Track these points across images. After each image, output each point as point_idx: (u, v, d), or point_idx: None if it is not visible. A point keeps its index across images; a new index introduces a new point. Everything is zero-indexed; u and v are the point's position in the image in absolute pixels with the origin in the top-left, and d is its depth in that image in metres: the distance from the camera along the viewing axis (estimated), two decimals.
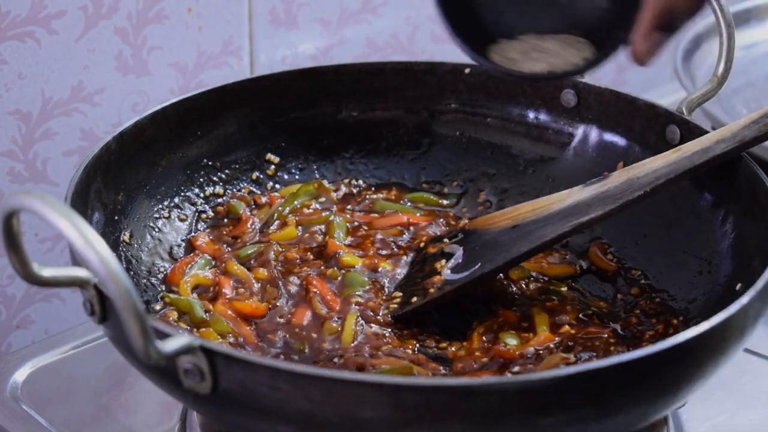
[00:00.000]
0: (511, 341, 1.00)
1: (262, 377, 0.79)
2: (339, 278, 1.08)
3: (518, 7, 1.02)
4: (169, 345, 0.78)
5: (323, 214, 1.16)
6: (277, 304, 1.05)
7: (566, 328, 1.02)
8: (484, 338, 1.01)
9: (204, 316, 1.03)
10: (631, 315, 1.05)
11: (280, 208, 1.16)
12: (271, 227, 1.15)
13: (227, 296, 1.05)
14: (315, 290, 1.06)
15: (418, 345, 1.02)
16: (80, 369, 1.14)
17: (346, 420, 0.79)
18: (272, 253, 1.10)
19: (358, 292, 1.06)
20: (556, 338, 1.00)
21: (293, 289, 1.07)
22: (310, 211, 1.17)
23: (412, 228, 1.16)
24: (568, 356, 0.97)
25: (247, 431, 0.87)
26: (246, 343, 1.01)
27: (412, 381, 0.80)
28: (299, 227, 1.15)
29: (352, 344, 1.00)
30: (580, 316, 1.04)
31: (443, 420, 0.78)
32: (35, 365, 1.13)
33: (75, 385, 1.12)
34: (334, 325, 1.02)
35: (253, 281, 1.07)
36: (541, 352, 0.99)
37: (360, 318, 1.03)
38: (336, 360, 0.99)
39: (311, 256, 1.11)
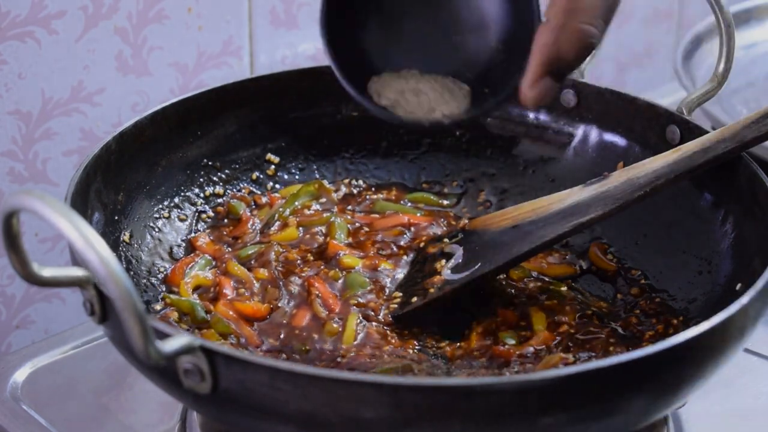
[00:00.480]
0: (511, 341, 1.00)
1: (262, 377, 0.79)
2: (340, 280, 1.08)
3: (405, 43, 1.00)
4: (169, 345, 0.78)
5: (324, 215, 1.16)
6: (279, 305, 1.05)
7: (565, 327, 1.02)
8: (482, 338, 1.01)
9: (205, 316, 1.03)
10: (631, 315, 1.05)
11: (280, 209, 1.16)
12: (272, 228, 1.15)
13: (228, 297, 1.05)
14: (317, 292, 1.06)
15: (418, 345, 1.02)
16: (80, 369, 1.14)
17: (346, 420, 0.79)
18: (273, 253, 1.10)
19: (358, 293, 1.06)
20: (556, 338, 1.00)
21: (294, 289, 1.07)
22: (311, 212, 1.17)
23: (412, 228, 1.16)
24: (567, 356, 0.97)
25: (247, 431, 0.87)
26: (248, 343, 1.01)
27: (412, 381, 0.80)
28: (300, 228, 1.15)
29: (353, 344, 1.00)
30: (580, 316, 1.04)
31: (443, 420, 0.78)
32: (35, 365, 1.13)
33: (75, 385, 1.12)
34: (335, 325, 1.02)
35: (254, 282, 1.07)
36: (540, 351, 0.99)
37: (361, 318, 1.03)
38: (338, 360, 0.99)
39: (312, 257, 1.11)
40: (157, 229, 1.12)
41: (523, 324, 1.03)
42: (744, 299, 0.85)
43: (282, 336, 1.02)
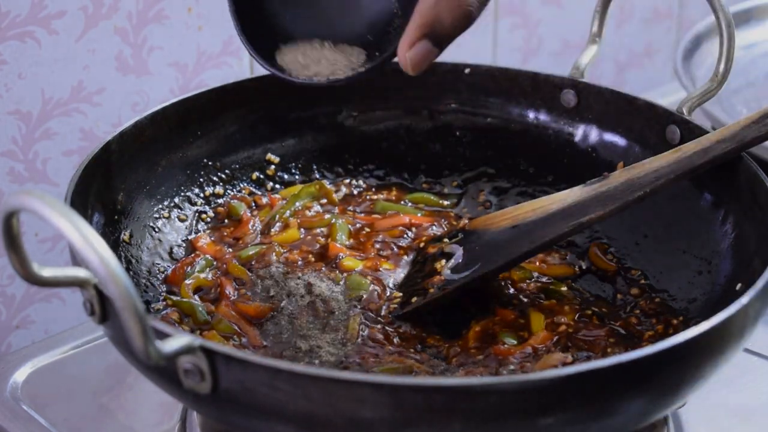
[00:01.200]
0: (511, 341, 1.00)
1: (262, 377, 0.79)
2: (341, 281, 1.08)
3: (309, 9, 1.04)
4: (169, 345, 0.78)
5: (326, 216, 1.16)
6: (280, 305, 1.05)
7: (564, 327, 1.02)
8: (480, 337, 1.01)
9: (207, 318, 1.03)
10: (631, 315, 1.05)
11: (281, 211, 1.16)
12: (273, 229, 1.15)
13: (230, 298, 1.05)
14: (318, 293, 1.06)
15: (419, 345, 1.02)
16: (80, 369, 1.14)
17: (346, 420, 0.79)
18: (274, 254, 1.10)
19: (360, 294, 1.06)
20: (555, 337, 1.00)
21: (296, 290, 1.07)
22: (312, 213, 1.17)
23: (414, 229, 1.16)
24: (566, 356, 0.97)
25: (247, 431, 0.87)
26: (250, 344, 1.01)
27: (412, 381, 0.80)
28: (301, 229, 1.15)
29: (356, 345, 1.00)
30: (579, 316, 1.04)
31: (443, 420, 0.78)
32: (35, 365, 1.13)
33: (75, 385, 1.12)
34: (338, 326, 1.02)
35: (256, 283, 1.07)
36: (539, 351, 0.99)
37: (363, 319, 1.03)
38: (341, 360, 0.99)
39: (313, 258, 1.11)
40: (157, 229, 1.12)
41: (522, 323, 1.03)
42: (744, 299, 0.85)
43: (284, 337, 1.02)
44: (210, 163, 1.18)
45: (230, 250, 1.12)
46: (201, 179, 1.17)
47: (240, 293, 1.06)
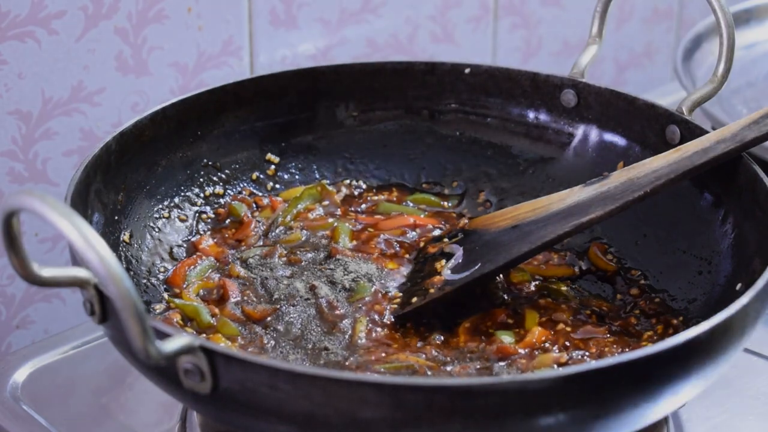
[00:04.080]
0: (507, 339, 1.00)
1: (262, 377, 0.79)
2: (344, 283, 1.08)
3: None
4: (169, 345, 0.78)
5: (328, 220, 1.16)
6: (283, 307, 1.05)
7: (562, 326, 1.02)
8: (470, 334, 1.01)
9: (211, 320, 1.03)
10: (631, 315, 1.05)
11: (283, 213, 1.16)
12: (275, 231, 1.15)
13: (234, 300, 1.05)
14: (322, 294, 1.06)
15: (420, 344, 1.02)
16: (80, 369, 1.14)
17: (346, 420, 0.79)
18: (277, 256, 1.10)
19: (363, 295, 1.06)
20: (551, 336, 1.01)
21: (300, 292, 1.07)
22: (315, 215, 1.17)
23: (417, 230, 1.16)
24: (560, 355, 0.97)
25: (247, 431, 0.87)
26: (255, 344, 1.01)
27: (412, 381, 0.80)
28: (304, 231, 1.15)
29: (359, 345, 1.00)
30: (578, 315, 1.04)
31: (443, 420, 0.78)
32: (35, 365, 1.13)
33: (75, 385, 1.12)
34: (342, 327, 1.02)
35: (259, 284, 1.07)
36: (536, 348, 0.99)
37: (366, 320, 1.03)
38: (346, 360, 0.98)
39: (316, 260, 1.11)
40: (157, 230, 1.12)
41: (513, 322, 1.03)
42: (744, 299, 0.85)
43: (288, 338, 1.02)
44: (210, 163, 1.18)
45: (232, 252, 1.12)
46: (201, 179, 1.17)
47: (243, 295, 1.06)
